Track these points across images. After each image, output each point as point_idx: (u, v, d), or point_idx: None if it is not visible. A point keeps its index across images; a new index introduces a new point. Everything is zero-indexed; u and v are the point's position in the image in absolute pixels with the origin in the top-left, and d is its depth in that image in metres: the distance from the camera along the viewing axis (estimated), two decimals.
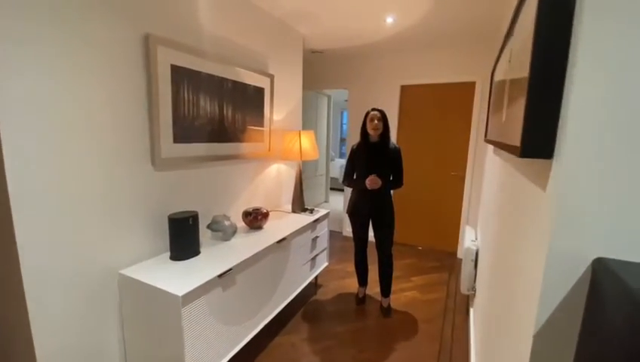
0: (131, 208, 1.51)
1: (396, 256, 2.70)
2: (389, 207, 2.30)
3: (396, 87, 3.60)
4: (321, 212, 2.61)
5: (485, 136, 2.05)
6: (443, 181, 3.55)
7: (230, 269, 1.55)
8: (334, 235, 3.99)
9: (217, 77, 1.91)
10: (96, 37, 1.30)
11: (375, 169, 2.21)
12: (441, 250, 3.64)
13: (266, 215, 2.11)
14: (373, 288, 2.67)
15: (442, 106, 3.46)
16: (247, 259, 1.67)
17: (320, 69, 4.02)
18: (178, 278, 1.41)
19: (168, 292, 1.31)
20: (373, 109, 2.23)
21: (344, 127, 8.51)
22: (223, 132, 1.99)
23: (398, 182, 2.29)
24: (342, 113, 8.22)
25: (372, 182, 2.15)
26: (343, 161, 7.09)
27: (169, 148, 1.66)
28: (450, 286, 2.83)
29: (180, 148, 1.72)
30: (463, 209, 3.46)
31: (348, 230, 4.09)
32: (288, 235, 2.05)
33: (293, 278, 2.19)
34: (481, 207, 2.59)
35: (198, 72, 1.78)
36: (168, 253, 1.64)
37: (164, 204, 1.67)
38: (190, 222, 1.62)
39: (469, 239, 2.50)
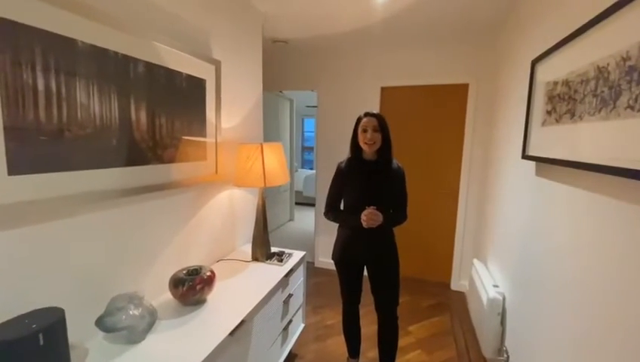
0: None
1: None
2: (392, 251, 1.64)
3: (376, 88, 3.00)
4: (295, 256, 1.87)
5: (524, 151, 1.49)
6: (431, 199, 3.01)
7: None
8: None
9: (116, 54, 1.10)
10: None
11: (372, 198, 1.54)
12: (431, 280, 3.08)
13: (209, 280, 1.31)
14: (367, 351, 1.99)
15: (430, 112, 2.93)
16: None
17: (282, 64, 3.29)
18: None
19: None
20: (367, 114, 1.56)
21: (305, 134, 7.87)
22: (131, 148, 1.17)
23: (401, 216, 1.64)
24: (302, 120, 7.55)
25: (370, 218, 1.47)
26: (308, 172, 6.40)
27: None
28: (456, 337, 2.25)
29: (28, 185, 0.88)
30: (457, 232, 2.94)
31: (321, 260, 3.38)
32: (249, 313, 1.28)
33: None
34: (499, 240, 2.05)
35: (72, 41, 0.96)
36: None
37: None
38: (41, 342, 0.78)
39: (487, 283, 1.93)
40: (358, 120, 1.58)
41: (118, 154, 1.12)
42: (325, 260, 3.31)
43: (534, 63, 1.43)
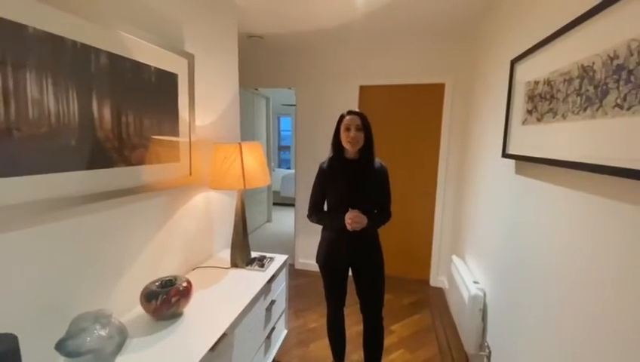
0: None
1: None
2: (378, 252, 1.62)
3: (354, 87, 2.98)
4: (277, 260, 1.80)
5: (504, 150, 1.51)
6: (409, 197, 3.04)
7: None
8: None
9: (75, 44, 0.98)
10: None
11: (356, 198, 1.51)
12: (410, 277, 3.12)
13: (185, 291, 1.21)
14: (352, 353, 1.96)
15: (408, 111, 2.96)
16: None
17: (258, 61, 3.19)
18: None
19: None
20: (350, 112, 1.53)
21: (282, 133, 7.78)
22: (93, 148, 1.05)
23: (385, 216, 1.63)
24: (278, 119, 7.45)
25: (355, 221, 1.45)
26: (286, 171, 6.31)
27: None
28: (438, 334, 2.27)
29: None
30: (435, 229, 2.99)
31: (301, 261, 3.32)
32: (230, 325, 1.20)
33: None
34: (478, 236, 2.09)
35: (21, 27, 0.84)
36: None
37: None
38: None
39: (468, 279, 1.96)
40: (341, 118, 1.54)
41: (78, 156, 1.00)
42: (306, 261, 3.26)
43: (513, 63, 1.46)
